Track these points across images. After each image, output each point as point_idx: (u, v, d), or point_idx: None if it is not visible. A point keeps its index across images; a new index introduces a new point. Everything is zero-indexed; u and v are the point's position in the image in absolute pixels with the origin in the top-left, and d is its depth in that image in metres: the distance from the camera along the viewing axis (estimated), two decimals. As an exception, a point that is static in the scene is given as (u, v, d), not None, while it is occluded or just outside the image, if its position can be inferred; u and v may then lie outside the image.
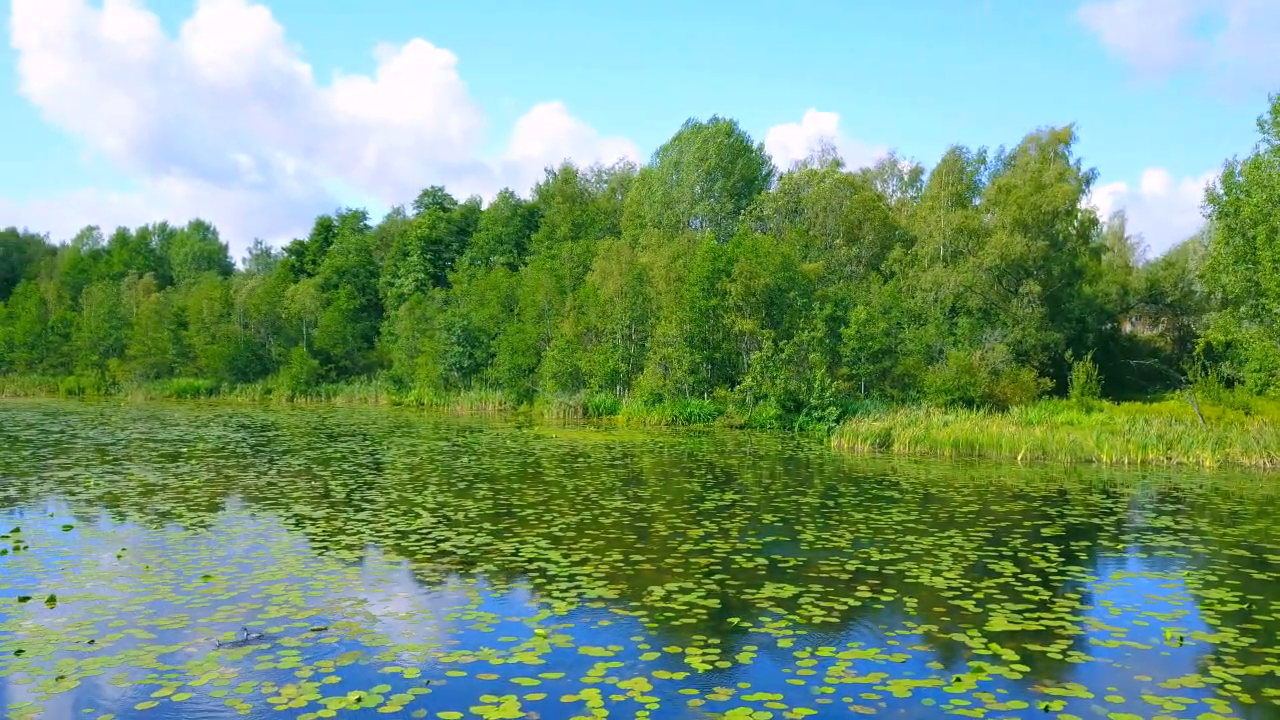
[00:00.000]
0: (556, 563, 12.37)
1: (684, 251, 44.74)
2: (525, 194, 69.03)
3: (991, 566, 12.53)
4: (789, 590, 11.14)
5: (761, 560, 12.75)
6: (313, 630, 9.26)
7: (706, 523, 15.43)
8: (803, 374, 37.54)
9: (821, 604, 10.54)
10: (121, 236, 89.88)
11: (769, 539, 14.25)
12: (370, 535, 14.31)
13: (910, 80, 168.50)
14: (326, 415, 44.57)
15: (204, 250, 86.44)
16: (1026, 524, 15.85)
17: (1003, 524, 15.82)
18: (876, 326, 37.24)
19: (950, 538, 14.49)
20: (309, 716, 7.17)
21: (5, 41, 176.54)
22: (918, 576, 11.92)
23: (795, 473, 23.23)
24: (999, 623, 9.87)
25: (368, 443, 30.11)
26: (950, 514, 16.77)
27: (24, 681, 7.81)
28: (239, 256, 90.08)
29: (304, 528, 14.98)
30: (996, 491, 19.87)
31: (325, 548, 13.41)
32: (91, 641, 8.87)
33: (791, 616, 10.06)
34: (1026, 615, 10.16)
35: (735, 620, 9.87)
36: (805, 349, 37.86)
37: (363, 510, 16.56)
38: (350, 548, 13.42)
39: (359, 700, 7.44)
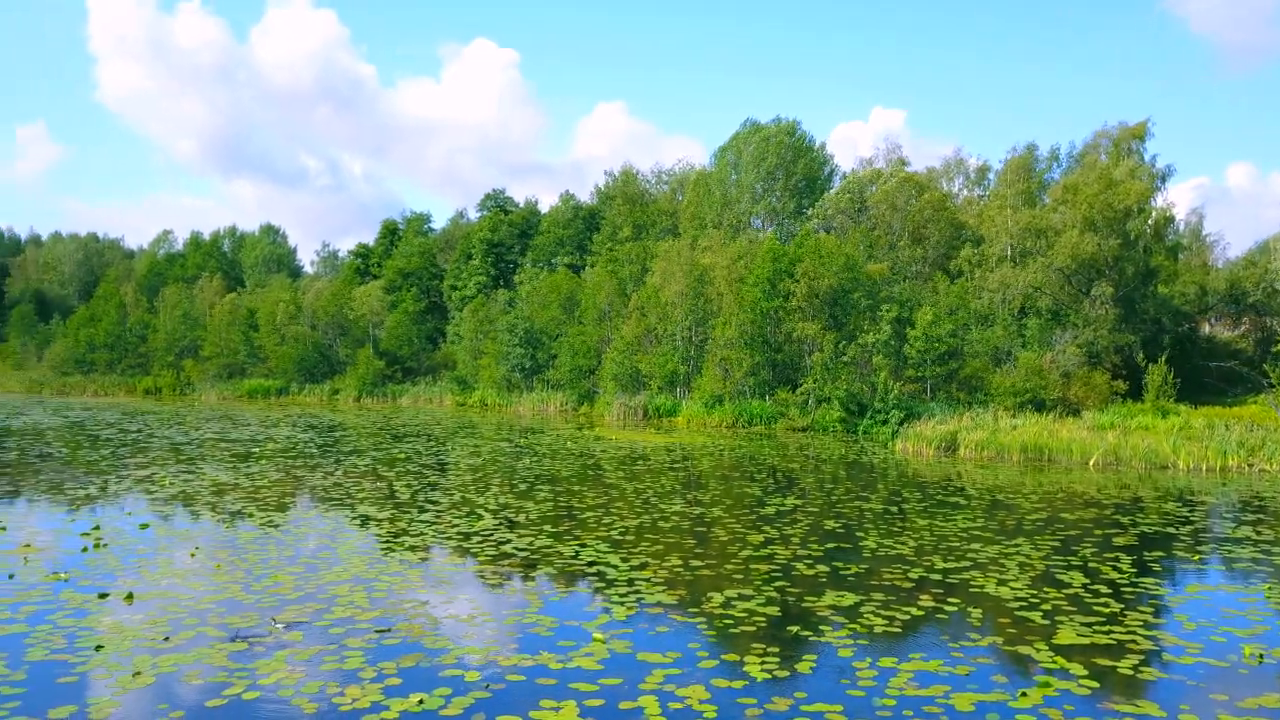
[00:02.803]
0: (616, 567, 12.40)
1: (745, 252, 44.52)
2: (586, 195, 69.36)
3: (1060, 577, 12.23)
4: (850, 598, 11.01)
5: (823, 567, 12.62)
6: (376, 631, 9.42)
7: (767, 528, 15.34)
8: (866, 376, 37.07)
9: (883, 613, 10.40)
10: (195, 240, 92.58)
11: (830, 545, 14.10)
12: (433, 536, 14.50)
13: (980, 74, 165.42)
14: (392, 416, 45.32)
15: (273, 253, 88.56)
16: (1098, 532, 15.44)
17: (1072, 532, 15.44)
18: (943, 328, 36.62)
19: (1017, 546, 14.19)
20: (372, 717, 7.29)
21: (82, 48, 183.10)
22: (983, 586, 11.69)
23: (858, 477, 22.96)
24: (1068, 636, 9.63)
25: (432, 443, 30.53)
26: (1018, 521, 16.42)
27: (103, 676, 8.08)
28: (307, 259, 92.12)
29: (369, 528, 15.25)
30: (1066, 498, 19.39)
31: (390, 548, 13.63)
32: (166, 638, 9.14)
33: (853, 625, 9.94)
34: (1097, 628, 9.89)
35: (795, 629, 9.79)
36: (869, 351, 37.38)
37: (426, 511, 16.80)
38: (414, 549, 13.62)
39: (421, 702, 7.55)
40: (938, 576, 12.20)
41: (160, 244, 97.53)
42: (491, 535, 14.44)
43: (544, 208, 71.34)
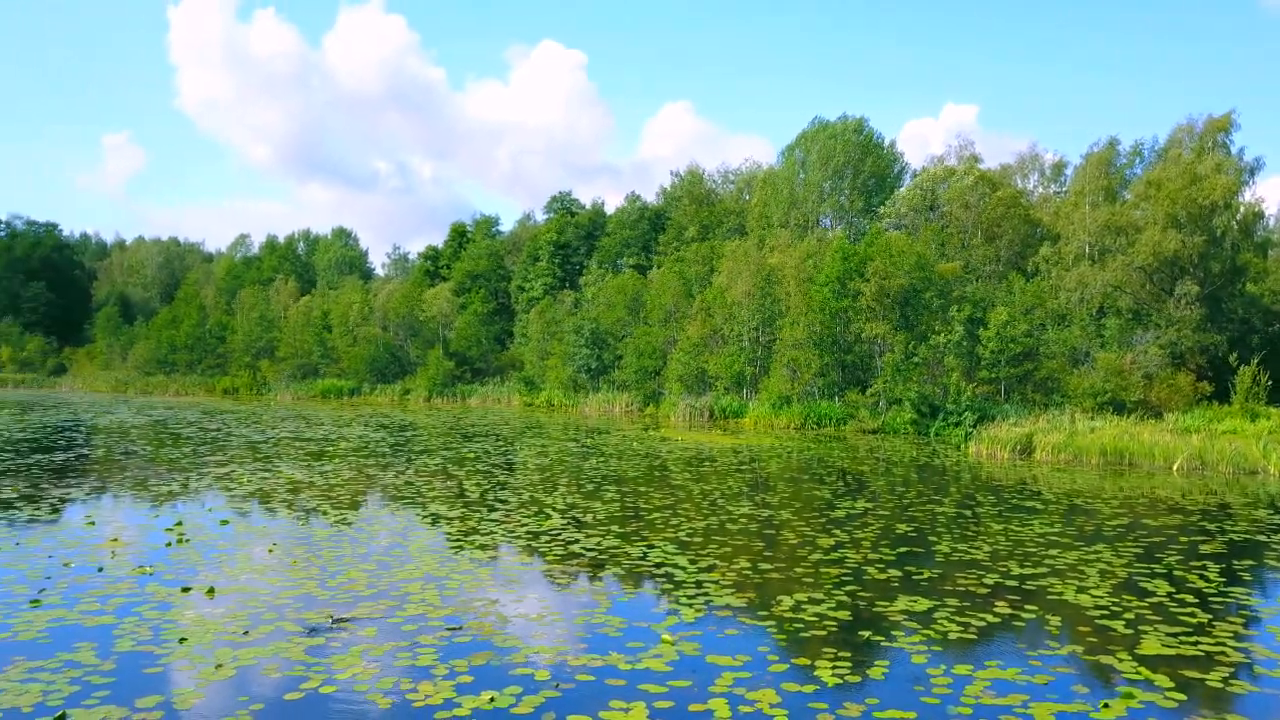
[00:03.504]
0: (684, 568, 12.36)
1: (814, 251, 44.09)
2: (652, 196, 69.45)
3: (1143, 585, 11.83)
4: (923, 604, 10.80)
5: (895, 572, 12.41)
6: (448, 629, 9.52)
7: (837, 531, 15.14)
8: (938, 378, 36.42)
9: (958, 619, 10.17)
10: (270, 244, 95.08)
11: (902, 549, 13.86)
12: (502, 535, 14.63)
13: (1055, 68, 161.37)
14: (461, 415, 45.91)
15: (345, 256, 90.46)
16: (1183, 540, 14.91)
17: (1156, 539, 14.93)
18: (1017, 328, 35.79)
19: (1097, 552, 13.77)
20: (445, 714, 7.37)
21: (163, 58, 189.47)
22: (1062, 593, 11.36)
23: (930, 480, 22.55)
24: (1152, 646, 9.29)
25: (500, 443, 30.84)
26: (1097, 527, 15.94)
27: (186, 668, 8.31)
28: (378, 261, 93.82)
29: (440, 526, 15.45)
30: (1149, 503, 18.77)
31: (460, 547, 13.78)
32: (246, 632, 9.36)
33: (926, 631, 9.74)
34: (1183, 639, 9.54)
35: (867, 633, 9.63)
36: (941, 352, 36.71)
37: (495, 510, 16.96)
38: (484, 547, 13.75)
39: (492, 700, 7.60)
40: (1014, 582, 11.90)
41: (238, 247, 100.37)
42: (559, 535, 14.52)
43: (610, 209, 71.66)
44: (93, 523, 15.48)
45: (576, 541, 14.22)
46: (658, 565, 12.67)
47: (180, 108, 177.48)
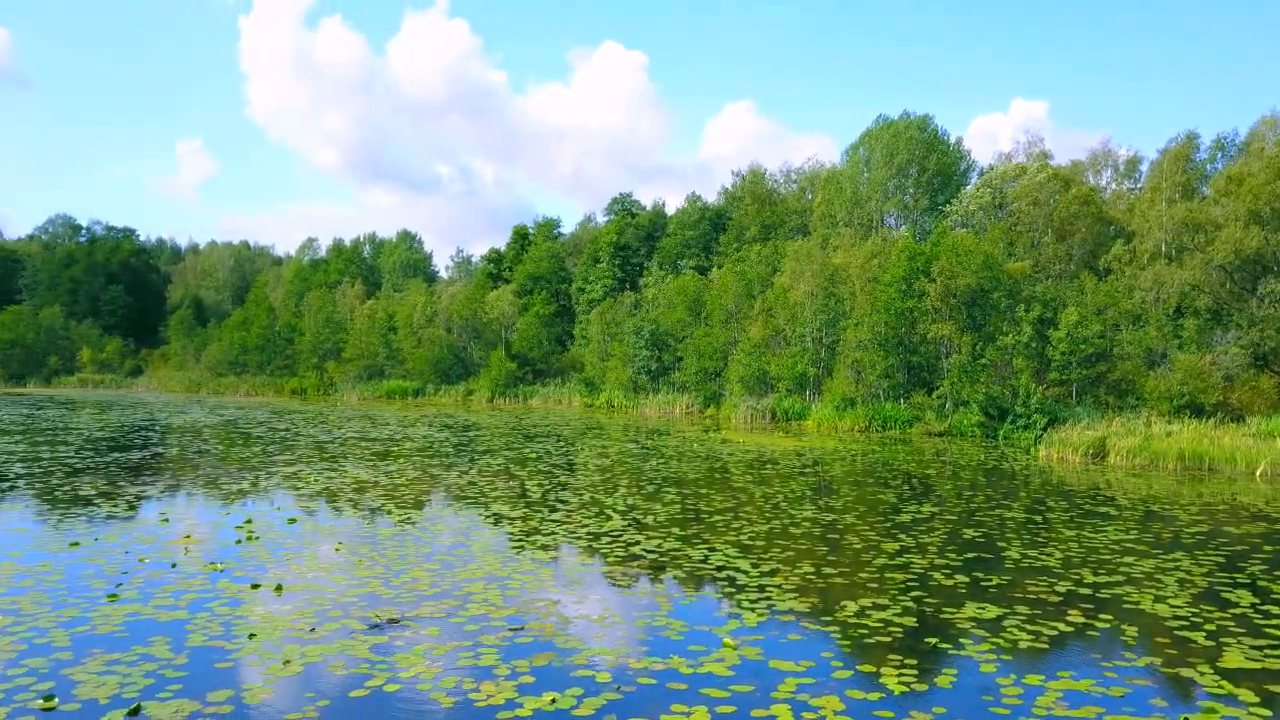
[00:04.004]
0: (746, 572, 12.24)
1: (879, 251, 43.48)
2: (713, 196, 69.21)
3: (1225, 595, 11.38)
4: (992, 611, 10.53)
5: (962, 578, 12.13)
6: (510, 629, 9.55)
7: (902, 536, 14.86)
8: (1006, 379, 35.63)
9: (1028, 627, 9.90)
10: (337, 247, 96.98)
11: (970, 555, 13.55)
12: (564, 536, 14.66)
13: (1130, 62, 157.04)
14: (523, 416, 46.25)
15: (410, 259, 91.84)
16: (1267, 548, 14.33)
17: (1239, 547, 14.37)
18: (1090, 328, 34.84)
19: (1176, 560, 13.30)
20: (506, 714, 7.37)
21: (235, 67, 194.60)
22: (1138, 602, 10.99)
23: (999, 484, 22.06)
24: (1234, 659, 8.92)
25: (561, 444, 30.97)
26: (1175, 534, 15.41)
27: (255, 664, 8.46)
28: (442, 264, 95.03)
29: (502, 526, 15.55)
30: (1230, 510, 18.09)
31: (522, 547, 13.84)
32: (312, 629, 9.50)
33: (995, 639, 9.49)
34: (1268, 652, 9.14)
35: (933, 641, 9.41)
36: (1009, 353, 35.91)
37: (557, 511, 17.01)
38: (545, 548, 13.79)
39: (553, 701, 7.59)
40: (1087, 591, 11.54)
41: (305, 251, 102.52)
42: (620, 536, 14.49)
43: (670, 210, 71.61)
44: (167, 520, 15.89)
45: (637, 543, 14.19)
46: (719, 568, 12.57)
47: (250, 115, 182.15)
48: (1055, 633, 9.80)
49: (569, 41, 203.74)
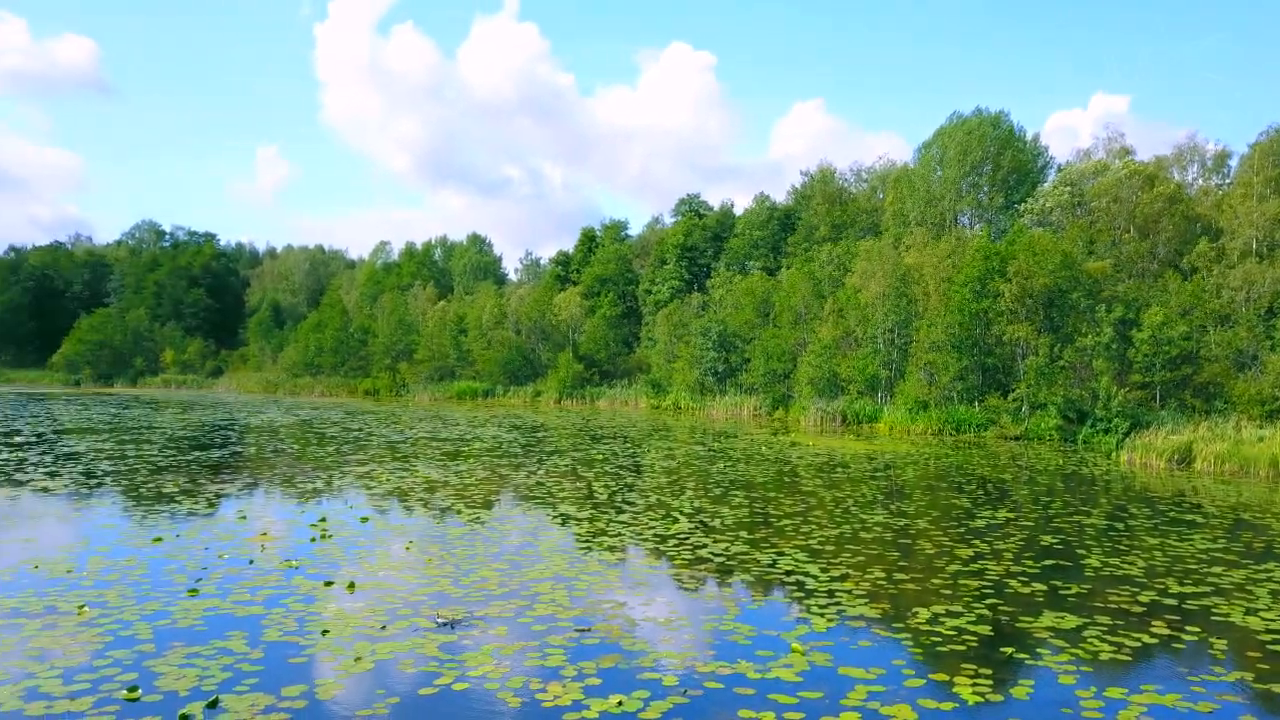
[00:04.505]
0: (815, 577, 12.06)
1: (953, 250, 42.63)
2: (781, 196, 68.67)
3: (1324, 609, 10.83)
4: (1071, 621, 10.19)
5: (1039, 586, 11.78)
6: (577, 630, 9.54)
7: (977, 542, 14.51)
8: (1086, 382, 34.61)
9: (1109, 638, 9.55)
10: (409, 250, 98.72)
11: (1048, 563, 13.16)
12: (631, 538, 14.64)
13: (1217, 53, 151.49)
14: (590, 417, 46.43)
15: (480, 261, 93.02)
16: (1369, 561, 13.61)
17: (1337, 559, 13.68)
18: (1174, 329, 33.65)
19: (1268, 571, 12.73)
20: (573, 715, 7.36)
21: (311, 74, 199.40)
22: (1227, 614, 10.53)
23: (1077, 490, 21.42)
24: (1336, 677, 8.47)
25: (628, 445, 31.00)
26: (1268, 544, 14.75)
27: (328, 660, 8.60)
28: (511, 267, 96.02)
29: (569, 527, 15.59)
30: (1327, 520, 17.26)
31: (589, 548, 13.86)
32: (383, 627, 9.63)
33: (1074, 650, 9.18)
34: (1373, 671, 8.66)
35: (1009, 650, 9.15)
36: (1089, 355, 34.88)
37: (623, 512, 17.00)
38: (612, 549, 13.78)
39: (620, 704, 7.55)
40: (1172, 601, 11.10)
41: (378, 254, 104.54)
42: (687, 539, 14.42)
43: (738, 210, 71.26)
44: (244, 517, 16.30)
45: (704, 546, 14.10)
46: (788, 573, 12.42)
47: (326, 120, 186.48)
48: (1138, 644, 9.45)
49: (636, 43, 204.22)
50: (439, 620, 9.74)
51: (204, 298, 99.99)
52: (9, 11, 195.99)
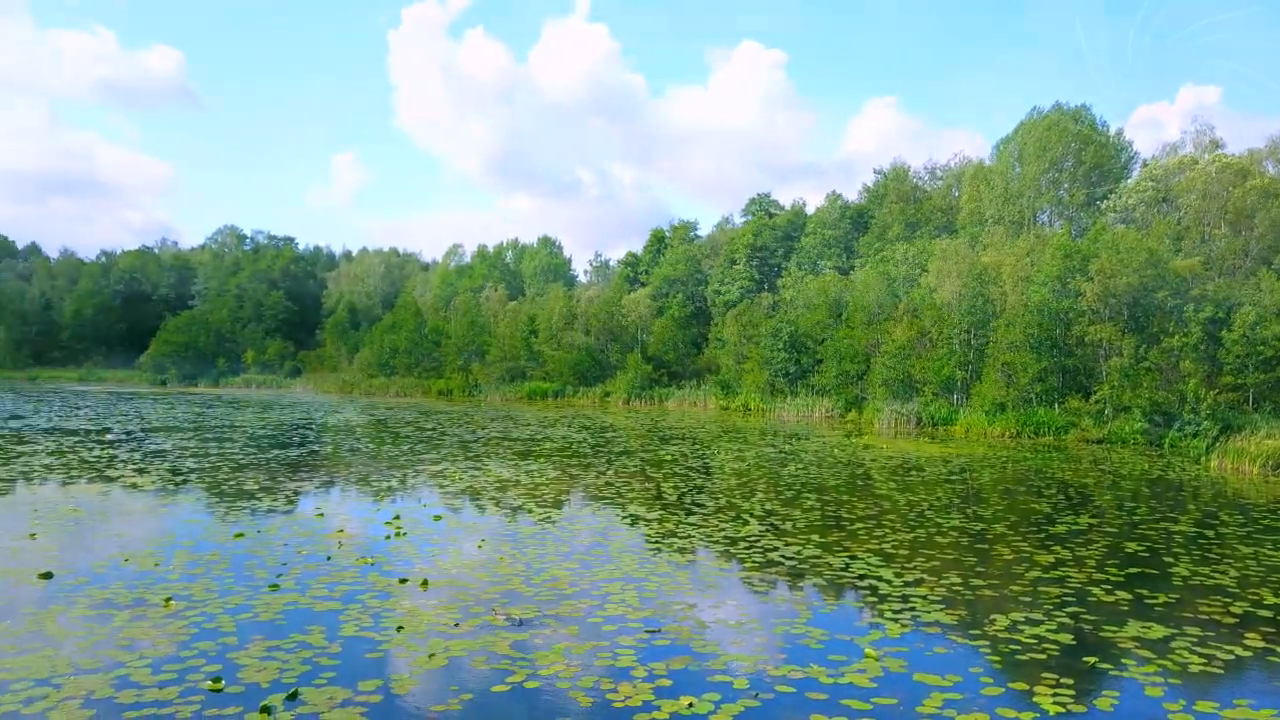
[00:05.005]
0: (889, 581, 11.85)
1: (1032, 249, 41.60)
2: (853, 195, 67.85)
3: None
4: (1158, 631, 9.83)
5: (1124, 594, 11.39)
6: (647, 631, 9.53)
7: (1057, 548, 14.10)
8: (1173, 384, 33.43)
9: (1199, 650, 9.19)
10: (481, 252, 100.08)
11: (1133, 570, 12.72)
12: (700, 539, 14.58)
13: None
14: (659, 418, 46.44)
15: (550, 263, 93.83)
16: None
17: None
18: (1269, 329, 32.31)
19: (1373, 584, 12.10)
20: (643, 716, 7.34)
21: (385, 80, 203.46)
22: (1330, 628, 10.02)
23: (1164, 496, 20.69)
24: None
25: (697, 446, 30.91)
26: (1372, 555, 14.03)
27: (402, 655, 8.73)
28: (580, 268, 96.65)
29: (639, 527, 15.59)
30: None
31: (658, 549, 13.84)
32: (456, 624, 9.75)
33: (1162, 662, 8.85)
34: None
35: (1092, 660, 8.86)
36: (1176, 355, 33.69)
37: (693, 514, 16.94)
38: (682, 551, 13.74)
39: (690, 705, 7.51)
40: (1268, 613, 10.63)
41: (451, 256, 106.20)
42: (758, 542, 14.30)
43: (810, 209, 70.61)
44: (322, 514, 16.67)
45: (776, 549, 13.97)
46: (861, 577, 12.23)
47: (399, 125, 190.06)
48: (1231, 657, 9.07)
49: (707, 42, 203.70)
50: (507, 618, 9.81)
51: (283, 300, 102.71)
52: (100, 24, 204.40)
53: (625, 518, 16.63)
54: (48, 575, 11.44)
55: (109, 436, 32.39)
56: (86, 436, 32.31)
